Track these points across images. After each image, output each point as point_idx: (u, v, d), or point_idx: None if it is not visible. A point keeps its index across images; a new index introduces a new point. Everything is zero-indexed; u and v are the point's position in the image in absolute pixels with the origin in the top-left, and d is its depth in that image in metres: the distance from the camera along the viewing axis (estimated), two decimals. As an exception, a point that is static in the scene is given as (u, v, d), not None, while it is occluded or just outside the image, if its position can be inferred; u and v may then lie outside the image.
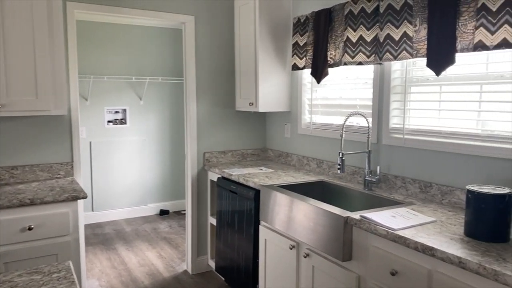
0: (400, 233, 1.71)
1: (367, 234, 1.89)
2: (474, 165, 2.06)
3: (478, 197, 1.65)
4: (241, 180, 2.85)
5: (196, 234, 3.53)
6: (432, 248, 1.56)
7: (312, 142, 3.15)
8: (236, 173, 3.01)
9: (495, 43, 1.85)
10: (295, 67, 3.13)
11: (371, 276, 1.85)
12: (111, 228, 4.87)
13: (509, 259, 1.44)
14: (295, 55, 3.12)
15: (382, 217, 1.90)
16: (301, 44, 3.06)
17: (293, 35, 3.14)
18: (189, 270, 3.58)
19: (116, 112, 5.10)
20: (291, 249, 2.36)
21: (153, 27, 5.21)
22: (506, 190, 1.64)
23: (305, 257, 2.25)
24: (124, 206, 5.25)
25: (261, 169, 3.16)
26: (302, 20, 3.03)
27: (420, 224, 1.83)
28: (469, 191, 1.69)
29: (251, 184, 2.74)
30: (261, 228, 2.65)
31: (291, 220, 2.32)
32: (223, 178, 3.13)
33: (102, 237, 4.55)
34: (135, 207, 5.32)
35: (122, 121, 5.14)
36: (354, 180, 2.75)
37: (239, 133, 3.60)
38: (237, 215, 2.92)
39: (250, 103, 3.25)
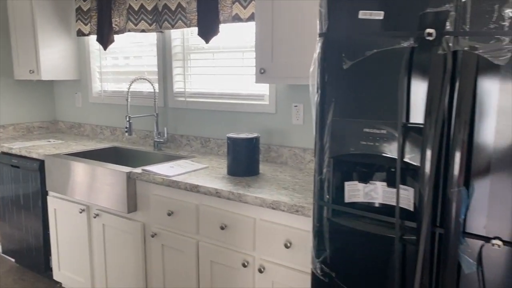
0: (174, 178, 1.95)
1: (148, 184, 2.07)
2: (240, 119, 2.46)
3: (235, 142, 2.01)
4: (23, 153, 2.67)
5: (-24, 220, 3.14)
6: (197, 186, 1.85)
7: (105, 110, 3.16)
8: (18, 146, 2.79)
9: (247, 16, 2.23)
10: (80, 33, 3.05)
11: (153, 221, 2.06)
12: None
13: (254, 185, 1.83)
14: (79, 21, 3.04)
15: (161, 168, 2.11)
16: (85, 10, 2.99)
17: (76, -1, 3.04)
18: (-29, 261, 3.18)
19: None
20: (81, 212, 2.38)
21: None
22: (253, 135, 2.04)
23: (95, 217, 2.31)
24: None
25: (49, 141, 3.01)
26: (83, -15, 2.96)
27: (194, 170, 2.11)
28: (228, 138, 2.04)
29: (34, 156, 2.60)
30: (49, 198, 2.57)
31: (79, 185, 2.33)
32: (2, 153, 2.86)
33: None
34: None
35: None
36: (146, 143, 2.91)
37: (22, 104, 3.31)
38: (21, 190, 2.74)
39: (30, 70, 3.02)
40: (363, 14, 1.08)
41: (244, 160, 2.01)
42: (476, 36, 0.96)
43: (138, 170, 2.11)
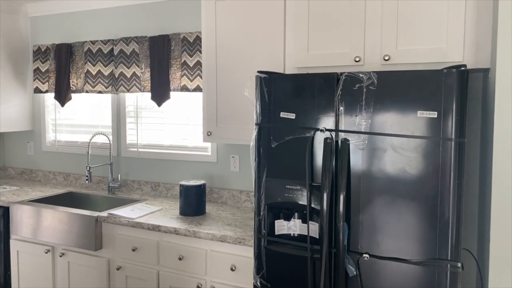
0: (137, 220, 2.41)
1: (114, 226, 2.50)
2: (186, 167, 2.98)
3: (186, 188, 2.53)
4: (-15, 200, 2.92)
5: None
6: (158, 226, 2.33)
7: (58, 158, 3.48)
8: (-23, 193, 3.02)
9: (193, 87, 2.80)
10: (37, 91, 3.38)
11: (118, 256, 2.47)
12: None
13: (204, 223, 2.35)
14: (37, 80, 3.38)
15: (124, 211, 2.55)
16: (43, 71, 3.35)
17: (34, 61, 3.38)
18: None
19: None
20: (46, 253, 2.69)
21: None
22: (201, 182, 2.58)
23: (61, 256, 2.65)
24: None
25: (5, 188, 3.25)
26: (43, 49, 3.33)
27: (151, 212, 2.58)
28: (181, 185, 2.56)
29: (-2, 202, 2.87)
30: (12, 242, 2.83)
31: (46, 228, 2.66)
32: (-40, 200, 3.06)
33: None
34: None
35: None
36: (99, 188, 3.29)
37: (-27, 153, 3.49)
38: (-19, 235, 2.95)
39: (-12, 123, 3.27)
40: (283, 114, 1.72)
41: (194, 202, 2.53)
42: (348, 133, 1.64)
43: (104, 214, 2.52)
